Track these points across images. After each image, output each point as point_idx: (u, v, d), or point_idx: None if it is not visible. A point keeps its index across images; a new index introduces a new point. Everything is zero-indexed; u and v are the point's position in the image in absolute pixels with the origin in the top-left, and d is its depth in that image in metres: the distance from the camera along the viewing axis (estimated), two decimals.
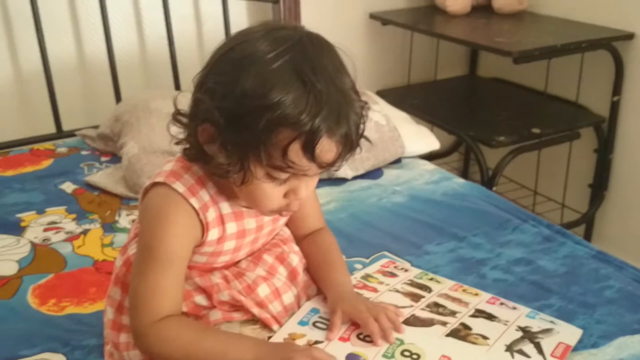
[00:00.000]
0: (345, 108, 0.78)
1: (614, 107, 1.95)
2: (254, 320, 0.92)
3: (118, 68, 1.88)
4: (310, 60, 0.76)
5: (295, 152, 0.76)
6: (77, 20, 1.87)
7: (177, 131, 0.86)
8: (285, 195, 0.84)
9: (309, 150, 0.76)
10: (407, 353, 0.86)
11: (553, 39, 1.84)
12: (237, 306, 0.91)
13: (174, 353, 0.83)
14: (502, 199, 1.52)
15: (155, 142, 1.50)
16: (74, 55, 1.89)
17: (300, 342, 0.88)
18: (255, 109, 0.75)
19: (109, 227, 1.41)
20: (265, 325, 0.92)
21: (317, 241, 1.01)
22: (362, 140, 0.84)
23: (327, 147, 0.77)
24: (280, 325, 0.92)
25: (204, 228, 0.87)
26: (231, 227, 0.89)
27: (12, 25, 1.80)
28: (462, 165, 2.48)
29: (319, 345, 0.87)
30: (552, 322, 1.00)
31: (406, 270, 1.13)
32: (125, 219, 1.43)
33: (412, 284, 1.06)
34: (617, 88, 1.92)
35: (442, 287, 1.06)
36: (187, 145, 0.86)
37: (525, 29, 2.05)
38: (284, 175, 0.80)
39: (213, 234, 0.88)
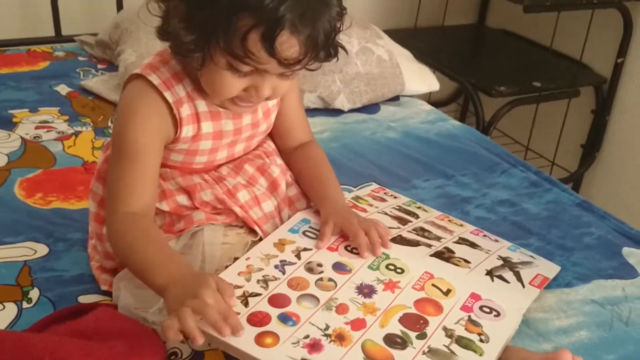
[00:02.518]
0: (314, 9, 0.76)
1: (617, 69, 1.94)
2: (239, 225, 0.93)
3: None
4: None
5: (254, 41, 0.75)
6: None
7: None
8: (247, 90, 0.82)
9: (268, 41, 0.74)
10: (391, 267, 0.88)
11: None
12: (218, 209, 0.91)
13: (118, 250, 0.83)
14: (494, 143, 1.52)
15: (154, 51, 1.47)
16: None
17: (290, 248, 0.89)
18: None
19: (101, 131, 1.40)
20: (250, 230, 0.93)
21: (307, 155, 1.01)
22: (361, 73, 0.83)
23: (287, 43, 0.75)
24: (262, 229, 0.93)
25: (178, 123, 0.86)
26: (207, 127, 0.89)
27: None
28: (459, 116, 2.48)
29: (307, 252, 0.89)
30: (532, 256, 1.02)
31: (395, 197, 1.14)
32: None
33: (401, 209, 1.08)
34: (622, 49, 1.91)
35: (429, 215, 1.08)
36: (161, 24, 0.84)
37: None
38: (244, 67, 0.78)
39: (187, 130, 0.87)
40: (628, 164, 1.97)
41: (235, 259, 0.88)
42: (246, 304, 0.78)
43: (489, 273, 0.91)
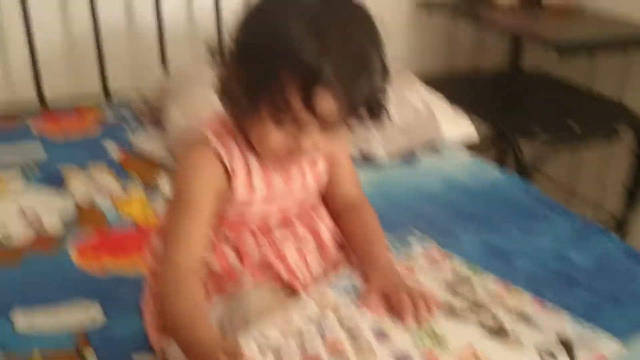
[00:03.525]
0: (353, 69, 0.80)
1: None
2: (282, 288, 0.94)
3: (166, 36, 1.92)
4: (332, 16, 0.79)
5: (292, 95, 0.79)
6: None
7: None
8: (290, 143, 0.85)
9: (305, 93, 0.78)
10: (433, 335, 0.85)
11: (599, 35, 1.82)
12: (266, 270, 0.93)
13: (159, 300, 0.88)
14: (536, 192, 1.52)
15: (198, 108, 1.53)
16: (124, 22, 1.93)
17: (330, 306, 0.89)
18: (266, 45, 0.80)
19: (152, 190, 1.45)
20: (293, 291, 0.94)
21: (357, 217, 1.02)
22: (397, 123, 0.87)
23: (324, 99, 0.79)
24: (307, 292, 0.93)
25: (230, 177, 0.90)
26: (259, 183, 0.92)
27: None
28: (498, 159, 2.47)
29: (345, 312, 0.88)
30: (593, 331, 0.95)
31: (450, 258, 1.09)
32: (167, 184, 1.47)
33: (454, 275, 1.04)
34: None
35: (485, 282, 1.03)
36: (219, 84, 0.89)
37: (572, 24, 2.02)
38: (285, 119, 0.82)
39: (240, 185, 0.91)
40: None
41: None
42: None
43: (540, 353, 0.87)
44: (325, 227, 0.99)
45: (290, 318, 0.86)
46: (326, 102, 0.79)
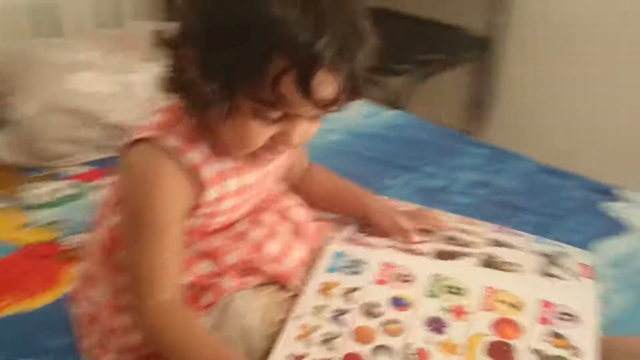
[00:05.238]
0: (353, 41, 0.68)
1: (493, 27, 2.01)
2: (269, 283, 0.82)
3: None
4: None
5: (287, 84, 0.65)
6: None
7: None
8: (275, 138, 0.72)
9: (305, 82, 0.65)
10: (449, 289, 0.82)
11: None
12: (246, 269, 0.81)
13: (159, 348, 0.76)
14: (437, 127, 1.52)
15: (57, 97, 1.26)
16: None
17: (337, 292, 0.81)
18: (246, 24, 0.64)
19: (21, 204, 1.18)
20: (282, 286, 0.83)
21: (319, 176, 0.97)
22: None
23: (325, 82, 0.66)
24: (299, 279, 0.84)
25: (200, 187, 0.75)
26: (232, 184, 0.78)
27: None
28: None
29: (357, 293, 0.81)
30: (560, 246, 0.98)
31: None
32: (35, 192, 1.21)
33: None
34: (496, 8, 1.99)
35: (448, 219, 1.01)
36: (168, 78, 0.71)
37: None
38: (273, 114, 0.69)
39: (211, 193, 0.76)
40: (527, 109, 2.07)
41: (280, 321, 0.79)
42: None
43: (542, 273, 0.87)
44: (295, 207, 0.88)
45: (305, 321, 0.78)
46: (327, 88, 0.66)
